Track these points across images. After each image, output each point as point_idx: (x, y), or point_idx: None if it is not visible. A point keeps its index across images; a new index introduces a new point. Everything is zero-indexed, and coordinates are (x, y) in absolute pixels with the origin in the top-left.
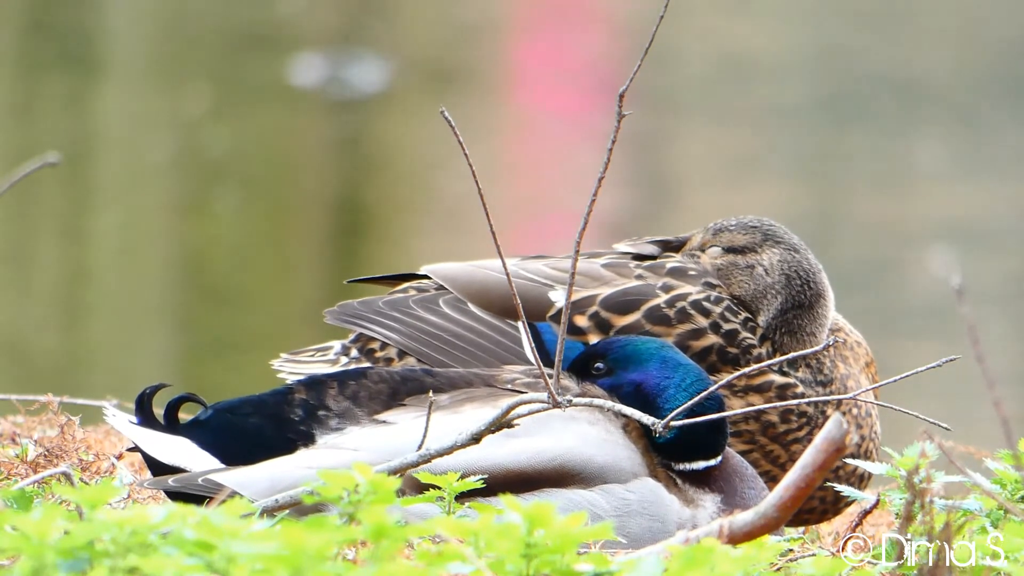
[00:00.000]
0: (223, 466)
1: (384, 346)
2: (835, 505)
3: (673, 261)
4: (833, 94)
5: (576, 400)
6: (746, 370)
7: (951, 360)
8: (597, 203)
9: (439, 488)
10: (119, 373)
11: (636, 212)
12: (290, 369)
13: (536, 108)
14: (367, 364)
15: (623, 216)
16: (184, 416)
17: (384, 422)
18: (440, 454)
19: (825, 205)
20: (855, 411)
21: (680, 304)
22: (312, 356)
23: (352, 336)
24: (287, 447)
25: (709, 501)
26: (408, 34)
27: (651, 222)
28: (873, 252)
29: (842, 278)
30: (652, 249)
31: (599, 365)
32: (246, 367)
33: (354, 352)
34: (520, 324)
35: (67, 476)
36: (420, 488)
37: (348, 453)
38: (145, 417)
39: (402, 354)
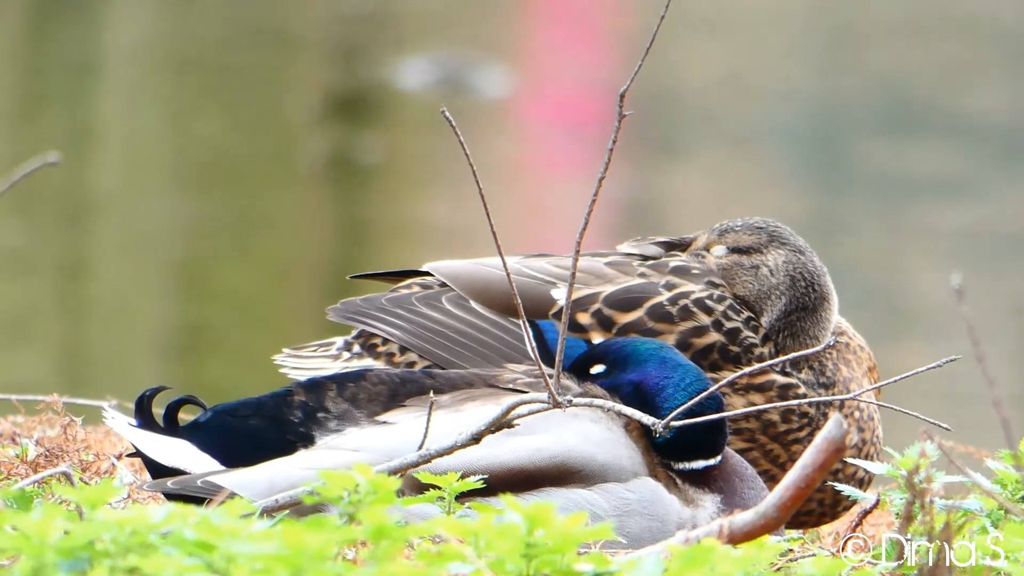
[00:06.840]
0: (222, 468)
1: (386, 341)
2: (833, 508)
3: (677, 260)
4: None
5: (576, 400)
6: (746, 370)
7: (951, 360)
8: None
9: (439, 488)
10: (119, 373)
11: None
12: (292, 364)
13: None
14: (369, 359)
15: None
16: (184, 418)
17: (384, 423)
18: (440, 454)
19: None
20: (857, 414)
21: (682, 302)
22: (315, 351)
23: (355, 332)
24: (286, 449)
25: (709, 501)
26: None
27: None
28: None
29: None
30: (655, 250)
31: (598, 366)
32: (246, 369)
33: (356, 348)
34: (522, 322)
35: (67, 476)
36: (420, 488)
37: (348, 454)
38: (145, 419)
39: (404, 349)
